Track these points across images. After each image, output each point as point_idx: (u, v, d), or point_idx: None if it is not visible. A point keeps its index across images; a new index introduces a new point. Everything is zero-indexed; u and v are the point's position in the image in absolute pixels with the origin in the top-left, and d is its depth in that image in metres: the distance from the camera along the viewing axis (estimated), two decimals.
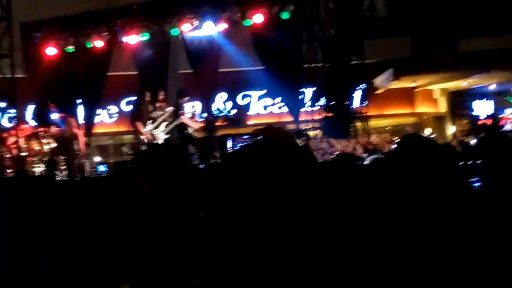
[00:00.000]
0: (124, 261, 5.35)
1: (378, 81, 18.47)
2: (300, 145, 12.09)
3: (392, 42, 18.92)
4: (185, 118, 13.36)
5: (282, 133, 8.16)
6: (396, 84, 18.56)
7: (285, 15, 13.64)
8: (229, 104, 17.12)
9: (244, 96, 17.69)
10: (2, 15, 11.74)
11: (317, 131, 14.49)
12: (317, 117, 14.76)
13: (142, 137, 12.93)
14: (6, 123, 13.15)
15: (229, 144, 10.95)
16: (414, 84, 19.43)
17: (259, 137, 8.52)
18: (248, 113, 17.52)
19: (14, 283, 5.32)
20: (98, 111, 15.99)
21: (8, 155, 12.51)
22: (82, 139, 13.47)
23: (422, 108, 20.22)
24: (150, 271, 5.21)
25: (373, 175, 3.98)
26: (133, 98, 13.75)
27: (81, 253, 5.32)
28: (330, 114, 14.56)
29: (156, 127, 12.89)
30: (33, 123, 14.69)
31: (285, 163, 2.44)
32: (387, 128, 19.64)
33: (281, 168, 2.42)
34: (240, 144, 10.23)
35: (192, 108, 14.26)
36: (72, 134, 13.16)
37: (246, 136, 10.86)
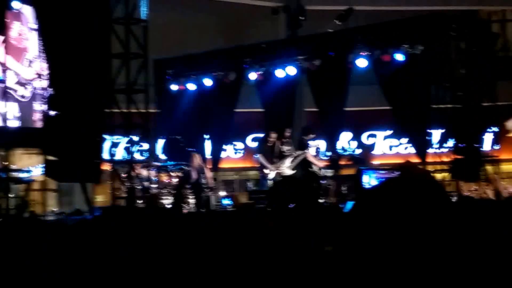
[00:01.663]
0: None
1: (510, 123, 17.79)
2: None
3: None
4: (310, 156, 13.41)
5: (421, 170, 7.99)
6: None
7: (414, 55, 13.45)
8: (354, 143, 17.02)
9: (369, 136, 17.55)
10: (139, 53, 12.26)
11: (445, 174, 14.07)
12: (445, 159, 14.33)
13: (266, 171, 13.15)
14: (138, 156, 13.63)
15: (365, 178, 10.85)
16: None
17: (396, 173, 8.42)
18: (373, 152, 17.35)
19: None
20: (225, 146, 16.34)
21: (138, 187, 12.93)
22: (209, 173, 13.78)
23: None
24: None
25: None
26: (260, 135, 14.00)
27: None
28: (459, 157, 14.12)
29: (283, 163, 13.08)
30: (163, 156, 15.21)
31: (422, 202, 2.35)
32: None
33: (418, 207, 2.33)
34: (378, 179, 10.15)
35: (316, 146, 14.29)
36: (197, 168, 13.52)
37: (383, 171, 10.72)
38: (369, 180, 11.13)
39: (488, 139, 15.04)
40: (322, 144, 15.65)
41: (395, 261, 2.27)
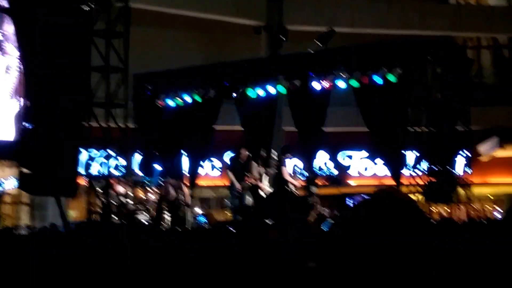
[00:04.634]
0: None
1: (483, 148, 18.08)
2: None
3: (499, 110, 18.56)
4: (286, 174, 13.51)
5: (402, 194, 8.08)
6: (501, 153, 18.12)
7: (392, 78, 13.59)
8: (331, 163, 17.16)
9: (345, 156, 17.68)
10: (119, 66, 12.25)
11: (419, 196, 14.22)
12: (419, 181, 14.50)
13: (236, 187, 13.27)
14: (114, 171, 13.56)
15: (349, 203, 11.01)
16: None
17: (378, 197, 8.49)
18: (349, 173, 17.50)
19: None
20: (202, 163, 16.33)
21: (114, 202, 12.89)
22: (186, 190, 13.79)
23: None
24: None
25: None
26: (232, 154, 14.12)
27: None
28: (432, 179, 14.30)
29: (262, 182, 13.22)
30: (139, 172, 15.16)
31: (400, 221, 2.43)
32: (489, 197, 19.06)
33: (395, 225, 2.40)
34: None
35: (294, 165, 14.35)
36: (175, 185, 13.54)
37: (366, 196, 10.84)
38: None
39: (460, 162, 15.26)
40: (299, 163, 15.74)
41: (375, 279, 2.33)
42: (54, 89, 11.24)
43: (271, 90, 14.45)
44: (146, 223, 12.72)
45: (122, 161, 13.87)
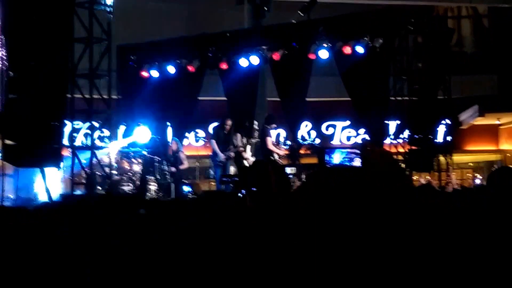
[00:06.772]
0: None
1: (463, 117, 18.33)
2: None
3: (479, 78, 18.80)
4: (270, 144, 13.65)
5: (383, 153, 8.20)
6: (481, 121, 18.39)
7: (373, 48, 13.69)
8: (313, 133, 17.34)
9: (328, 126, 17.87)
10: (103, 37, 12.23)
11: (400, 163, 14.45)
12: (400, 149, 14.73)
13: (218, 158, 13.42)
14: (98, 143, 13.59)
15: (327, 157, 11.23)
16: (499, 122, 19.17)
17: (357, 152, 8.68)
18: (331, 142, 17.71)
19: None
20: (187, 134, 16.42)
21: (98, 173, 12.94)
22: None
23: (506, 145, 19.87)
24: None
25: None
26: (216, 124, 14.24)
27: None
28: (413, 147, 14.53)
29: (246, 152, 13.37)
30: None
31: (379, 187, 2.56)
32: (469, 164, 19.38)
33: (374, 192, 2.54)
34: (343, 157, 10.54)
35: (277, 135, 14.49)
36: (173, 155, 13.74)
37: (346, 150, 11.06)
38: (334, 158, 11.46)
39: (441, 131, 15.49)
40: (282, 133, 15.89)
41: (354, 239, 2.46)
42: (37, 60, 11.19)
43: (254, 60, 14.52)
44: (132, 194, 12.83)
45: (106, 132, 13.90)
